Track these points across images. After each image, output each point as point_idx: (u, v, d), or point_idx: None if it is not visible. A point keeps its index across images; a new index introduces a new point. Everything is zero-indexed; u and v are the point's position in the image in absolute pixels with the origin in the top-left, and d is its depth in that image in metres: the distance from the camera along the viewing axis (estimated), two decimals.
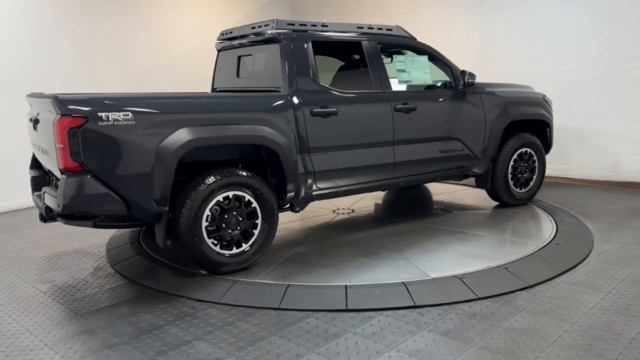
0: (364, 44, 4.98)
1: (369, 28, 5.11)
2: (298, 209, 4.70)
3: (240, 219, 4.19)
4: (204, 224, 4.01)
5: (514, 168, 5.86)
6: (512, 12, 7.67)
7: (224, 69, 5.48)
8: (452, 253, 4.53)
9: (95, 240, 5.46)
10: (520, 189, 5.99)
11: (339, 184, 4.81)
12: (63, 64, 7.28)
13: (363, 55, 4.98)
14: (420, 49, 5.41)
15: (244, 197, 4.17)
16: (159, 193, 3.84)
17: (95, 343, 3.28)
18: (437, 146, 5.30)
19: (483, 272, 4.09)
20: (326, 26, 4.89)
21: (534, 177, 6.07)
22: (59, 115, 3.64)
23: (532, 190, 6.09)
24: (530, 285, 3.92)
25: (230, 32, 5.23)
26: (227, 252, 4.15)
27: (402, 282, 3.89)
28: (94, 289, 4.17)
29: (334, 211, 6.06)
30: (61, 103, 3.63)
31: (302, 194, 4.58)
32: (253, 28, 4.88)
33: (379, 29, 5.16)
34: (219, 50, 5.56)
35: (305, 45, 4.60)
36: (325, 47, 5.06)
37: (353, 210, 6.05)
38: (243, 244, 4.22)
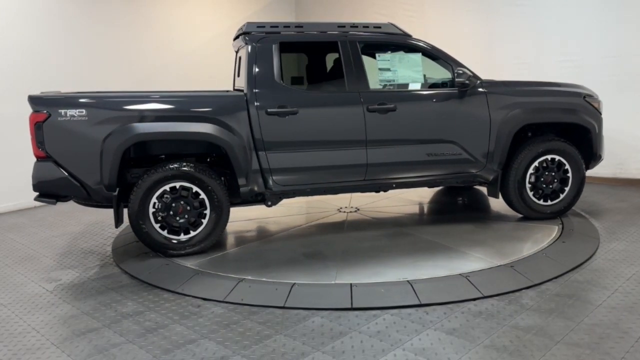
0: (341, 43, 4.88)
1: (352, 27, 4.99)
2: (270, 203, 4.93)
3: (189, 208, 4.57)
4: (151, 210, 4.49)
5: (537, 177, 5.23)
6: (519, 9, 7.64)
7: (236, 69, 5.67)
8: (390, 262, 4.32)
9: (101, 239, 5.49)
10: (545, 201, 5.29)
11: (301, 182, 4.85)
12: (70, 64, 7.31)
13: (339, 54, 4.90)
14: (414, 47, 5.07)
15: (192, 188, 4.54)
16: (107, 180, 4.40)
17: (101, 342, 3.29)
18: (424, 149, 4.97)
19: (489, 270, 4.08)
20: (301, 27, 4.94)
21: (566, 189, 5.30)
22: (31, 111, 4.35)
23: (561, 205, 5.31)
24: (537, 283, 3.91)
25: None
26: (175, 237, 4.60)
27: (408, 281, 3.88)
28: (100, 288, 4.18)
29: (338, 209, 6.05)
30: (31, 101, 4.36)
31: (260, 189, 4.77)
32: (239, 31, 5.08)
33: (364, 27, 5.01)
34: (236, 52, 5.72)
35: (272, 46, 4.74)
36: (297, 47, 5.15)
37: (358, 209, 6.04)
38: (191, 231, 4.60)
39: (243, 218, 5.76)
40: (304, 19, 10.33)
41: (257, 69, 4.69)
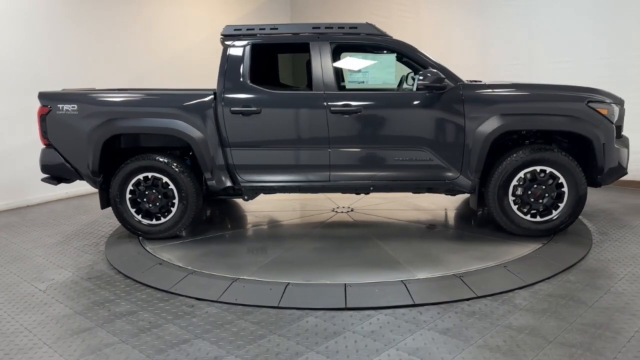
0: (312, 45, 4.88)
1: (326, 28, 4.94)
2: (247, 197, 5.18)
3: (160, 196, 5.00)
4: (128, 196, 5.00)
5: (525, 190, 4.74)
6: (513, 10, 7.69)
7: None
8: (318, 264, 4.33)
9: (94, 239, 5.46)
10: (534, 217, 4.78)
11: (265, 179, 4.99)
12: (63, 63, 7.28)
13: (309, 56, 4.91)
14: (389, 47, 4.87)
15: (162, 179, 4.97)
16: (92, 166, 4.95)
17: (94, 341, 3.28)
18: (390, 153, 4.79)
19: (482, 270, 4.09)
20: (276, 29, 5.00)
21: (560, 205, 4.73)
22: (39, 105, 5.01)
23: (552, 223, 4.75)
24: (529, 283, 3.92)
25: None
26: (147, 222, 5.05)
27: (401, 281, 3.89)
28: (93, 287, 4.17)
29: (332, 209, 6.05)
30: (39, 97, 5.02)
31: (227, 184, 4.98)
32: None
33: (339, 27, 4.92)
34: None
35: (243, 49, 4.92)
36: (271, 49, 5.24)
37: (351, 210, 6.02)
38: (162, 218, 5.02)
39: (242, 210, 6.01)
40: (299, 19, 10.33)
41: (227, 70, 4.90)
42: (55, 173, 5.15)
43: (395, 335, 3.24)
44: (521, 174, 4.73)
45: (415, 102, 4.76)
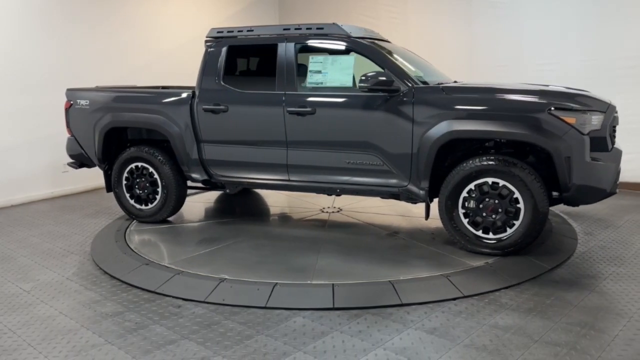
0: (279, 45, 4.95)
1: (295, 29, 4.99)
2: (228, 190, 5.61)
3: (147, 184, 5.58)
4: (124, 182, 5.67)
5: (478, 202, 4.33)
6: (500, 12, 7.74)
7: None
8: (239, 262, 4.39)
9: (80, 238, 5.41)
10: (487, 232, 4.35)
11: (233, 174, 5.30)
12: (53, 62, 7.21)
13: (275, 56, 4.96)
14: (351, 48, 4.75)
15: (148, 168, 5.52)
16: (97, 154, 5.72)
17: (79, 342, 3.25)
18: (342, 156, 4.72)
19: (469, 270, 4.11)
20: (251, 30, 5.20)
21: (516, 223, 4.24)
22: (65, 100, 5.85)
23: (505, 242, 4.28)
24: (516, 283, 3.95)
25: None
26: (138, 206, 5.67)
27: (389, 281, 3.90)
28: (78, 288, 4.13)
29: (321, 209, 6.05)
30: (66, 93, 5.86)
31: (203, 177, 5.39)
32: None
33: (307, 28, 4.94)
34: None
35: (221, 50, 5.21)
36: (245, 50, 5.41)
37: (339, 210, 6.02)
38: (149, 204, 5.62)
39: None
40: (287, 20, 10.32)
41: (205, 70, 5.23)
42: (78, 159, 5.98)
43: (383, 335, 3.25)
44: (472, 186, 4.34)
45: (365, 105, 4.60)
